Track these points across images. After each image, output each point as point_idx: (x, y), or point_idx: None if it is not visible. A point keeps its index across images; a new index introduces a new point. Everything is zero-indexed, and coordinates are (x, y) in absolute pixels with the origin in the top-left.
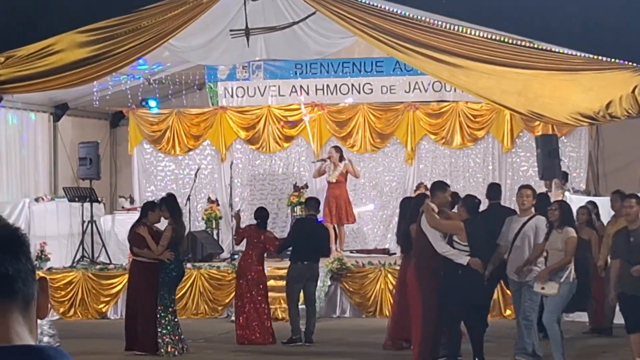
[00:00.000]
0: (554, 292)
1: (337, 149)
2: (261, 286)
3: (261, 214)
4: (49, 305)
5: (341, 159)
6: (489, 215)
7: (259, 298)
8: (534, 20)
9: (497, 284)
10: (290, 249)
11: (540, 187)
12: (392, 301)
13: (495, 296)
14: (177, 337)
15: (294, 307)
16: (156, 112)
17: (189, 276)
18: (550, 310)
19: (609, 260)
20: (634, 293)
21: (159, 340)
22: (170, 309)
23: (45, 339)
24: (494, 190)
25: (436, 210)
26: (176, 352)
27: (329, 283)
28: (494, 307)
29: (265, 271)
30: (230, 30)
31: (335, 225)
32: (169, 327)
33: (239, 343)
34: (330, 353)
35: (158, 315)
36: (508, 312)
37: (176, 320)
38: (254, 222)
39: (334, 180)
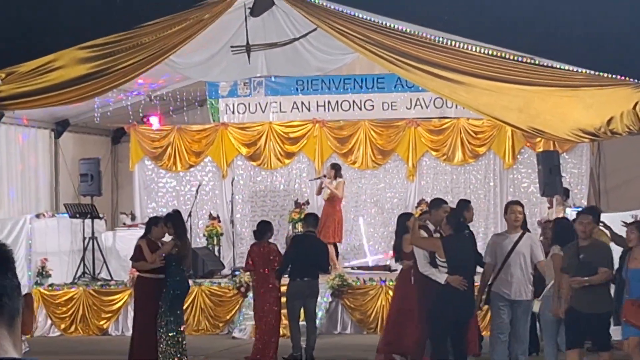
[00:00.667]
0: (536, 309)
1: (333, 166)
2: (276, 299)
3: (258, 228)
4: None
5: (336, 176)
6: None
7: (276, 311)
8: (535, 37)
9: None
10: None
11: (543, 204)
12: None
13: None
14: (177, 354)
15: (294, 324)
16: (157, 128)
17: (190, 292)
18: (543, 333)
19: None
20: (580, 309)
21: (160, 356)
22: (171, 326)
23: None
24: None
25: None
26: None
27: (330, 299)
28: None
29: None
30: (231, 47)
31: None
32: (169, 343)
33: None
34: None
35: (158, 331)
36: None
37: (177, 336)
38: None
39: (325, 198)
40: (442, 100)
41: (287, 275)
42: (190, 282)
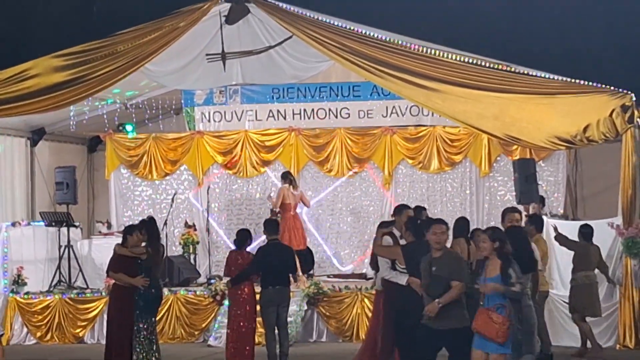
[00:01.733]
0: None
1: (284, 175)
2: (249, 307)
3: (238, 236)
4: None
5: (294, 187)
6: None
7: (252, 321)
8: (511, 44)
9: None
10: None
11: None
12: (368, 326)
13: None
14: None
15: (270, 333)
16: (133, 137)
17: (166, 300)
18: None
19: None
20: (431, 325)
21: None
22: (143, 333)
23: None
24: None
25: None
26: None
27: (306, 308)
28: None
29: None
30: (207, 55)
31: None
32: (141, 351)
33: None
34: None
35: (132, 338)
36: None
37: (150, 343)
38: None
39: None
40: (418, 108)
41: (259, 285)
42: (166, 290)
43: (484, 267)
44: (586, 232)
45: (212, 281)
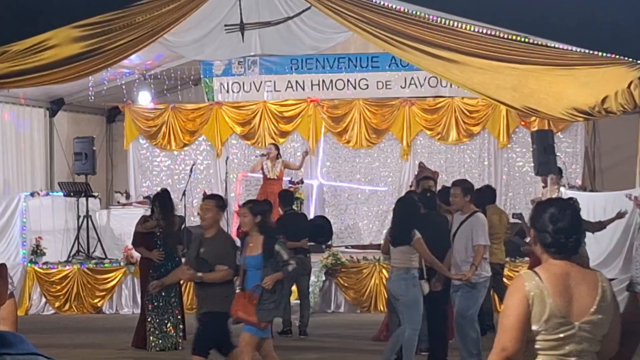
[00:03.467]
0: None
1: (276, 146)
2: None
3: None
4: (5, 295)
5: (278, 156)
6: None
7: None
8: (530, 16)
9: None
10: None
11: (537, 183)
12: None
13: None
14: (166, 333)
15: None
16: (151, 107)
17: None
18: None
19: None
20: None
21: (148, 336)
22: (156, 303)
23: None
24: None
25: None
26: (157, 349)
27: (324, 278)
28: None
29: None
30: (225, 25)
31: None
32: (154, 323)
33: None
34: (325, 348)
35: (146, 310)
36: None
37: (165, 315)
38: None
39: (274, 177)
40: (436, 79)
41: None
42: (184, 260)
43: (243, 245)
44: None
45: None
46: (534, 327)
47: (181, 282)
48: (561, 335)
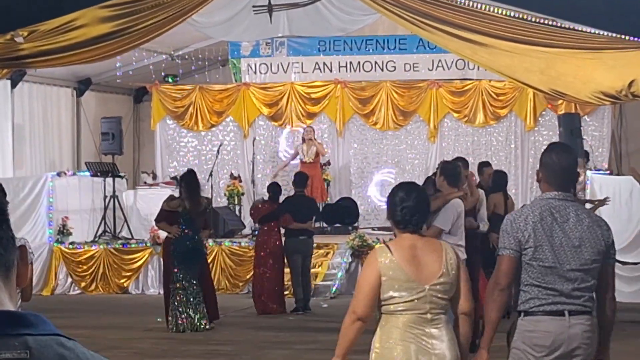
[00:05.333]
0: None
1: (312, 129)
2: (278, 258)
3: (273, 189)
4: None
5: (312, 139)
6: None
7: (277, 268)
8: None
9: None
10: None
11: None
12: None
13: None
14: (187, 314)
15: (296, 278)
16: (178, 89)
17: (210, 252)
18: None
19: None
20: None
21: (169, 316)
22: (178, 284)
23: None
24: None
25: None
26: (176, 329)
27: (350, 260)
28: None
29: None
30: (253, 7)
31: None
32: (175, 303)
33: (259, 314)
34: None
35: (169, 290)
36: None
37: (186, 296)
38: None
39: (310, 160)
40: (463, 62)
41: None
42: (211, 241)
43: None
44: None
45: (257, 232)
46: (391, 293)
47: (208, 261)
48: (414, 297)
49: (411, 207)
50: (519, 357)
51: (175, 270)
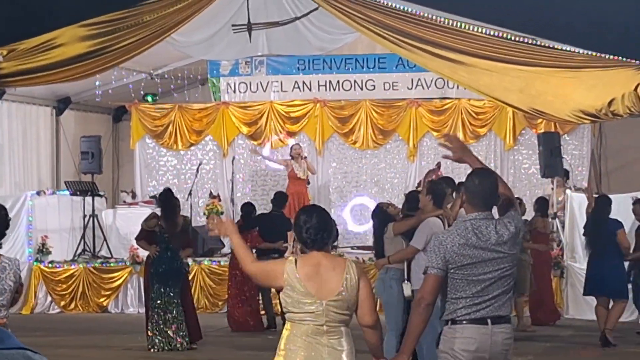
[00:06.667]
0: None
1: (300, 146)
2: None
3: (246, 209)
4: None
5: (301, 156)
6: None
7: (252, 290)
8: (537, 18)
9: None
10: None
11: (543, 185)
12: None
13: None
14: (166, 333)
15: (267, 297)
16: (157, 108)
17: (189, 270)
18: None
19: None
20: None
21: (149, 336)
22: (158, 303)
23: None
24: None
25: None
26: (155, 348)
27: None
28: None
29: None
30: (233, 25)
31: None
32: (153, 323)
33: (233, 330)
34: None
35: (148, 309)
36: None
37: (165, 315)
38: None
39: (304, 177)
40: (443, 81)
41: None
42: (190, 260)
43: None
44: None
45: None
46: (292, 304)
47: (190, 281)
48: (312, 309)
49: (315, 227)
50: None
51: (155, 289)
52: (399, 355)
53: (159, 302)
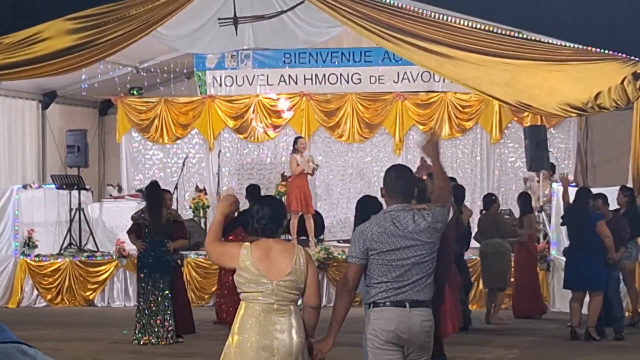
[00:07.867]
0: None
1: (304, 140)
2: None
3: (251, 191)
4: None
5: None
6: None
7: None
8: (523, 11)
9: None
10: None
11: (523, 179)
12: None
13: None
14: (153, 326)
15: None
16: (143, 101)
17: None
18: None
19: None
20: None
21: (136, 330)
22: (146, 296)
23: None
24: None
25: None
26: (141, 342)
27: None
28: None
29: None
30: (219, 19)
31: (304, 215)
32: (139, 315)
33: (220, 322)
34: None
35: (137, 301)
36: None
37: (150, 307)
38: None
39: (310, 170)
40: (429, 74)
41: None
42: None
43: None
44: (487, 200)
45: None
46: (245, 284)
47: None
48: (262, 289)
49: (266, 217)
50: (370, 339)
51: (142, 282)
52: (327, 338)
53: (148, 295)
